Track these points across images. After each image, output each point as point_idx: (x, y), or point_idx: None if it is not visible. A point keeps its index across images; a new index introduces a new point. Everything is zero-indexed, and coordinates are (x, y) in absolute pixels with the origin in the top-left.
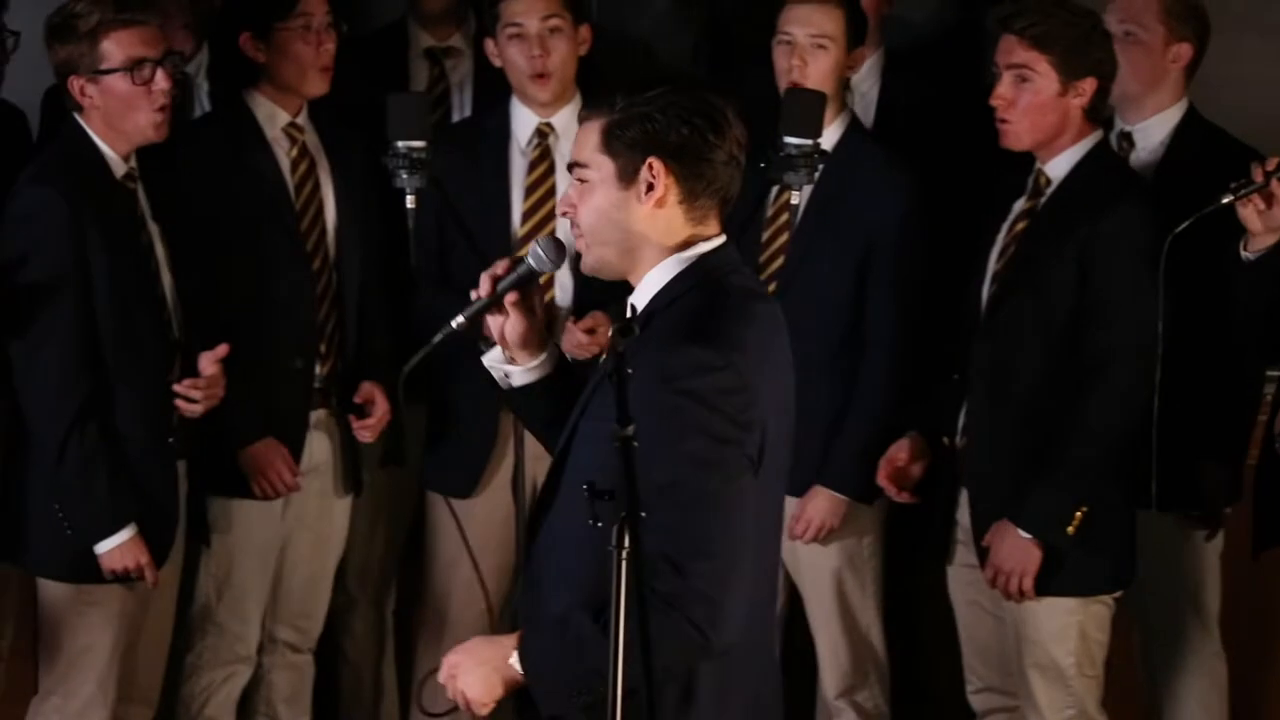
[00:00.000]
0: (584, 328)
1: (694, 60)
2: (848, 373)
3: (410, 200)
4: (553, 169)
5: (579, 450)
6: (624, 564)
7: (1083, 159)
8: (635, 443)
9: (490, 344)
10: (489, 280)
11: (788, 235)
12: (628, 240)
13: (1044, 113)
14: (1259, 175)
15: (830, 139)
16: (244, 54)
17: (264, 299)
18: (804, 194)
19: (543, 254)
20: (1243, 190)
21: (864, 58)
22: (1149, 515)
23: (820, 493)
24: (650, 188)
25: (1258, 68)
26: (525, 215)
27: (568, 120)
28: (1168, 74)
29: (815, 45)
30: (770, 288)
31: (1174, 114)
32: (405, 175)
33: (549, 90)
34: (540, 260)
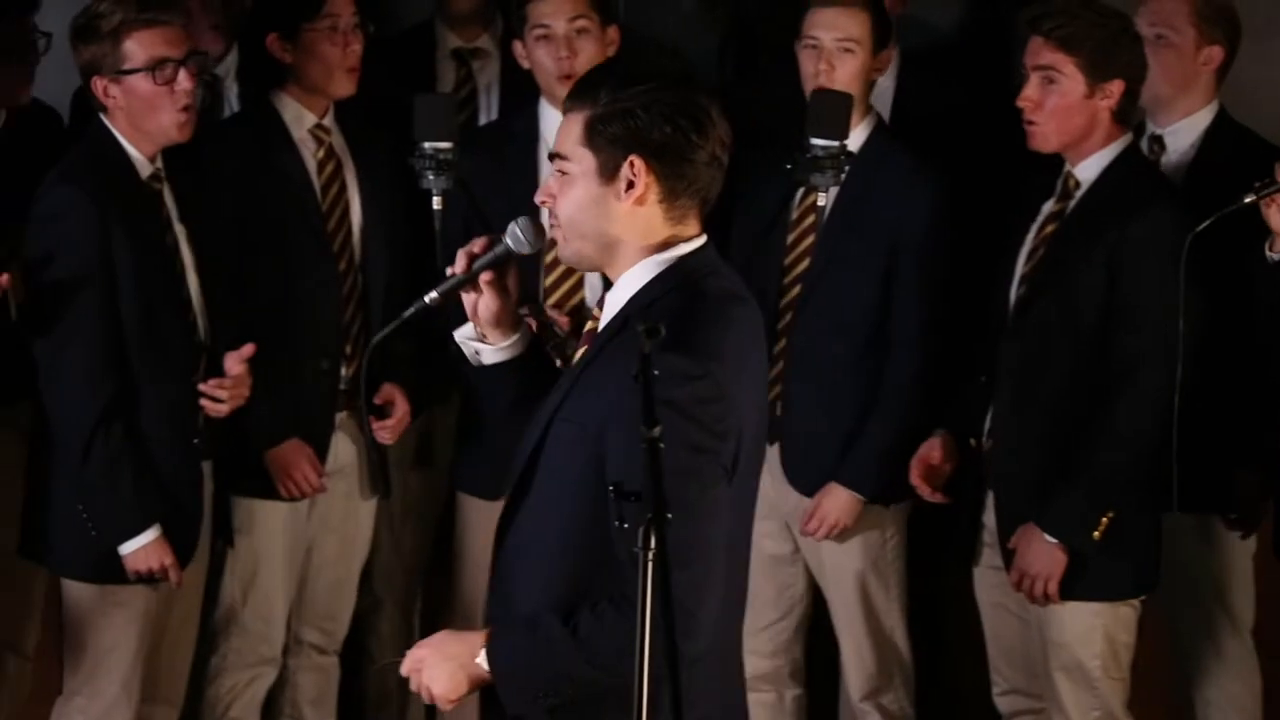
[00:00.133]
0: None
1: (720, 61)
2: (873, 373)
3: (436, 201)
4: None
5: (552, 452)
6: (649, 565)
7: (1112, 162)
8: (661, 444)
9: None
10: (465, 257)
11: (814, 237)
12: (605, 236)
13: (1071, 114)
14: None
15: (856, 140)
16: (271, 55)
17: (290, 300)
18: (830, 195)
19: (521, 235)
20: (1265, 190)
21: (890, 60)
22: (1171, 517)
23: (837, 491)
24: (630, 185)
25: None
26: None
27: None
28: (1198, 77)
29: (842, 49)
30: (796, 289)
31: (1204, 117)
32: (432, 176)
33: None
34: (518, 241)
